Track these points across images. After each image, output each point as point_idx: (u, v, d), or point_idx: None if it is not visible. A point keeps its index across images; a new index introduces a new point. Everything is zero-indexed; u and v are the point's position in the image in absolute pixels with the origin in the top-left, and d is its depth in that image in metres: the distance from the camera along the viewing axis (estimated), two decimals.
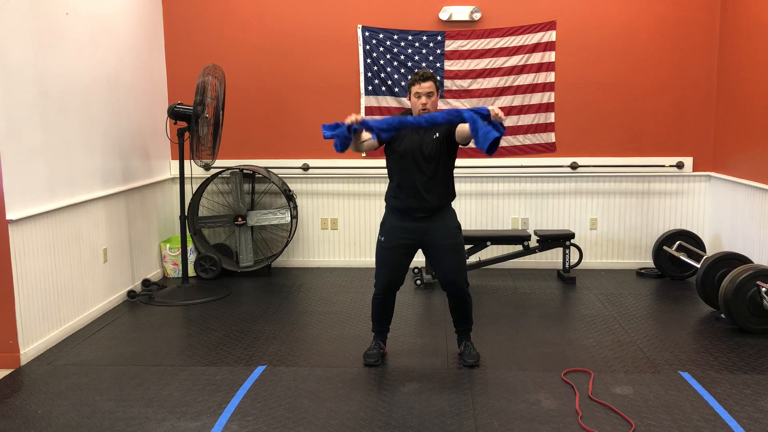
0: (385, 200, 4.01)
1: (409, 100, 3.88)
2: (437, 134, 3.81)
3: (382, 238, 3.96)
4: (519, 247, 5.90)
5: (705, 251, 5.88)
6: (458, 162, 6.16)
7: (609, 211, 6.27)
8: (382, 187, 6.28)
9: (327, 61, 6.19)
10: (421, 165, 3.81)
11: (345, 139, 3.63)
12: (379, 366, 4.02)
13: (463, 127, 3.69)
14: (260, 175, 6.22)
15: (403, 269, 3.97)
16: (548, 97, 6.11)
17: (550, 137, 6.16)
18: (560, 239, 5.83)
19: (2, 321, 4.04)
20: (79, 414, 3.42)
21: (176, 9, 6.20)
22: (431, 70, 3.73)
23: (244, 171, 6.06)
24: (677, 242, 5.84)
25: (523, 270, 6.25)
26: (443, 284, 3.96)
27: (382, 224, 4.00)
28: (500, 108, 6.05)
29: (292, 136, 6.30)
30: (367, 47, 6.12)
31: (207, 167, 5.69)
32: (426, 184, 3.82)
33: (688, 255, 5.71)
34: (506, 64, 6.06)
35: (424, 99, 3.79)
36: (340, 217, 6.39)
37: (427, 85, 3.78)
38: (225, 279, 5.99)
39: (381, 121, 3.64)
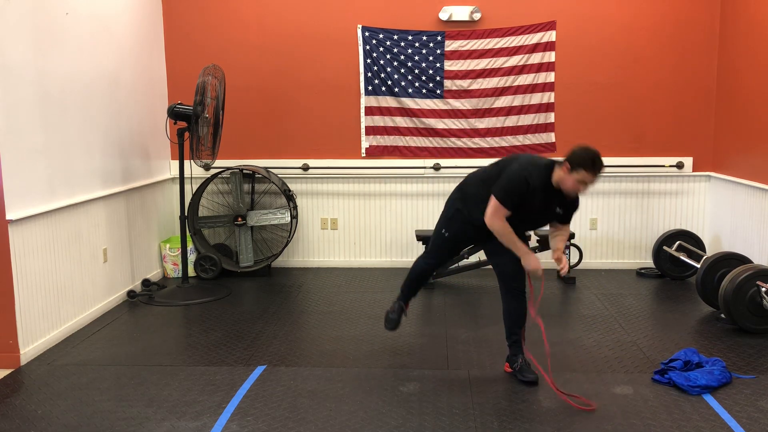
0: (464, 205, 3.83)
1: (567, 173, 3.54)
2: (561, 210, 3.74)
3: (447, 234, 3.91)
4: None
5: (705, 251, 5.88)
6: (459, 162, 6.18)
7: (609, 211, 6.26)
8: (382, 187, 6.28)
9: (327, 61, 6.19)
10: (535, 219, 3.78)
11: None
12: (368, 362, 4.02)
13: (557, 228, 3.81)
14: (260, 175, 6.22)
15: (454, 255, 4.20)
16: (548, 97, 6.11)
17: (550, 137, 6.16)
18: None
19: (2, 321, 4.04)
20: (79, 414, 3.43)
21: (176, 9, 6.20)
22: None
23: (244, 171, 6.06)
24: (677, 242, 5.84)
25: None
26: (505, 280, 3.81)
27: (451, 222, 3.87)
28: (500, 108, 6.09)
29: (292, 136, 6.30)
30: (367, 47, 6.12)
31: (207, 167, 5.69)
32: (525, 227, 3.83)
33: (688, 255, 5.71)
34: (506, 64, 6.06)
35: (583, 188, 3.55)
36: (340, 217, 6.39)
37: (597, 179, 3.57)
38: (225, 279, 5.99)
39: None
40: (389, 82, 6.11)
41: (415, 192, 6.30)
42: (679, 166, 6.14)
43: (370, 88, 6.16)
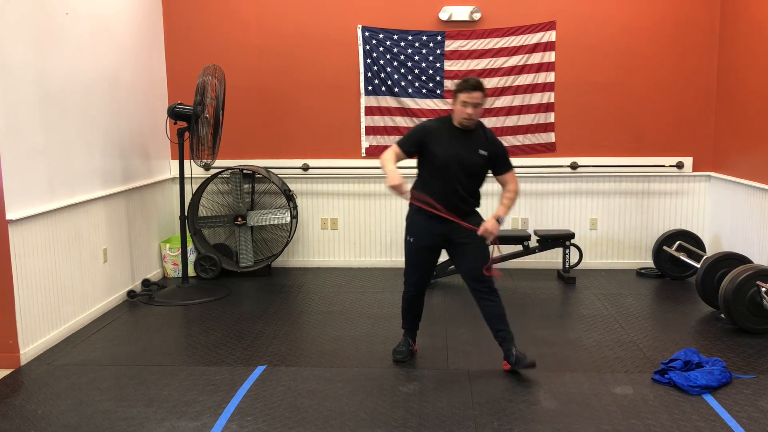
0: (413, 196, 3.92)
1: (453, 104, 3.79)
2: (484, 152, 3.79)
3: (411, 239, 3.93)
4: (519, 247, 5.90)
5: (705, 251, 5.87)
6: None
7: (609, 211, 6.26)
8: (382, 187, 6.28)
9: (327, 61, 6.19)
10: (459, 173, 3.76)
11: None
12: (373, 363, 4.03)
13: (504, 181, 3.86)
14: (260, 175, 6.22)
15: (432, 268, 4.02)
16: (548, 97, 6.11)
17: (550, 137, 6.16)
18: (560, 239, 5.83)
19: (2, 321, 4.04)
20: (79, 414, 3.43)
21: (176, 9, 6.20)
22: (480, 80, 3.75)
23: (244, 171, 6.06)
24: (677, 242, 5.83)
25: (523, 270, 6.25)
26: (471, 281, 3.86)
27: (410, 225, 3.95)
28: (500, 108, 6.09)
29: (292, 136, 6.30)
30: (367, 47, 6.12)
31: (207, 167, 5.69)
32: (459, 191, 3.79)
33: (688, 255, 5.71)
34: (506, 64, 6.06)
35: (470, 109, 3.69)
36: (340, 217, 6.39)
37: (478, 96, 3.68)
38: (225, 279, 5.99)
39: None
40: (389, 82, 6.11)
41: None
42: (679, 166, 6.14)
43: (370, 88, 6.16)
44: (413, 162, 3.92)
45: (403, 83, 6.10)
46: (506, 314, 3.90)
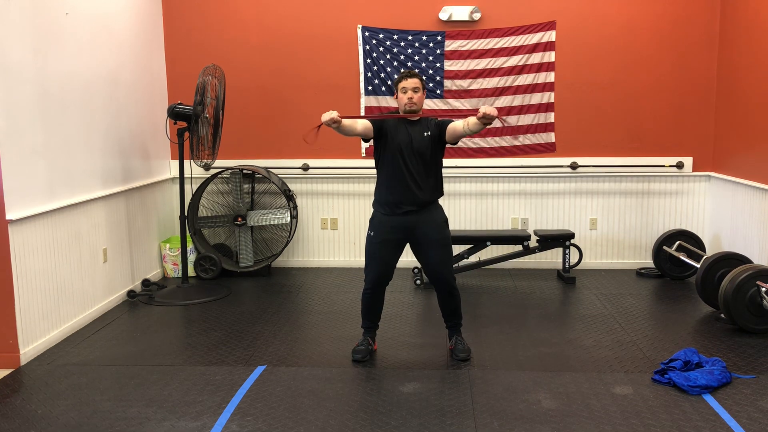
0: (375, 195, 4.10)
1: (396, 97, 4.04)
2: (428, 132, 3.95)
3: (372, 233, 4.05)
4: (519, 247, 5.90)
5: (705, 251, 5.88)
6: (458, 162, 6.18)
7: (609, 211, 6.26)
8: None
9: (327, 61, 6.19)
10: (411, 160, 3.93)
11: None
12: (368, 362, 4.04)
13: (455, 126, 3.86)
14: (260, 175, 6.22)
15: (392, 264, 4.08)
16: (548, 97, 6.11)
17: (550, 137, 6.16)
18: (560, 239, 5.83)
19: (2, 321, 4.04)
20: (79, 414, 3.43)
21: (176, 9, 6.20)
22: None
23: (244, 171, 6.06)
24: (677, 242, 5.83)
25: (523, 270, 6.25)
26: (431, 278, 4.07)
27: (372, 219, 4.09)
28: (500, 108, 6.09)
29: (292, 136, 6.30)
30: (367, 47, 6.12)
31: (207, 167, 5.69)
32: (415, 179, 3.94)
33: (688, 255, 5.71)
34: (506, 64, 6.06)
35: (410, 93, 3.94)
36: (339, 217, 6.39)
37: (414, 81, 3.94)
38: (225, 279, 5.99)
39: None
40: (389, 82, 6.11)
41: None
42: (679, 166, 6.15)
43: (370, 88, 6.16)
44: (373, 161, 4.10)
45: None
46: (460, 306, 4.16)
